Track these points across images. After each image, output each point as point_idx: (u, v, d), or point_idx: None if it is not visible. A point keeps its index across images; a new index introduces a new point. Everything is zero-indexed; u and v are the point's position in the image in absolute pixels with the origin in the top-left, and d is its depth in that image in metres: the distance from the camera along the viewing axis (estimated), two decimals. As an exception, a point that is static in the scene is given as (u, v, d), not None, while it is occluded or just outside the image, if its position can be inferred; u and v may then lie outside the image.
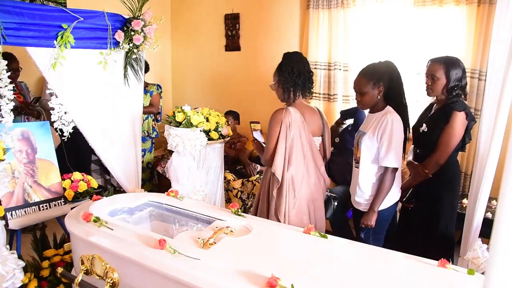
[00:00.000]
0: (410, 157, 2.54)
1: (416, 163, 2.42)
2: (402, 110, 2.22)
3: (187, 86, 5.35)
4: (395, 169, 2.15)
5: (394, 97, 2.21)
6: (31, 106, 3.34)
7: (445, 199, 2.37)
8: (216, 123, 2.80)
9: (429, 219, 2.38)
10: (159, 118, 4.32)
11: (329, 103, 4.14)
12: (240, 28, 4.71)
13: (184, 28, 5.20)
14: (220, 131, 2.81)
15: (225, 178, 3.55)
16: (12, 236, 2.36)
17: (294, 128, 2.17)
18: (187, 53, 5.26)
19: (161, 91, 4.07)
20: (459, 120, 2.23)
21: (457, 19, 3.32)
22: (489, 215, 2.68)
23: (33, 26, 2.05)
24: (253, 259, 1.48)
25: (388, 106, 2.20)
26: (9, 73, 1.97)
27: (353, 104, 4.05)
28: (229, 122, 3.75)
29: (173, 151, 2.52)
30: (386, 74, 2.19)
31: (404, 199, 2.47)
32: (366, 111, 2.37)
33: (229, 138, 2.96)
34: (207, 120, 2.74)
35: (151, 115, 4.08)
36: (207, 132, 2.65)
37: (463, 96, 2.33)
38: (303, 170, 2.23)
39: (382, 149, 2.13)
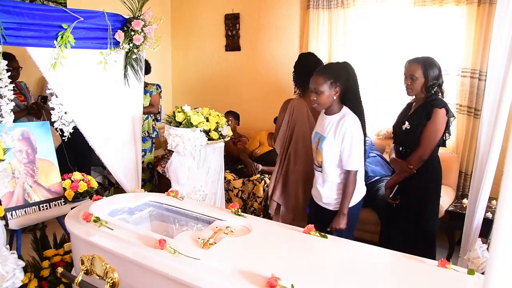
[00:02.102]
0: (392, 155, 2.60)
1: (400, 160, 2.49)
2: (358, 112, 2.23)
3: (187, 86, 5.35)
4: (357, 171, 2.18)
5: (351, 99, 2.22)
6: (39, 105, 3.36)
7: (429, 193, 2.46)
8: (216, 123, 2.80)
9: (413, 213, 2.46)
10: (159, 118, 4.31)
11: (329, 103, 4.14)
12: (240, 28, 4.71)
13: (184, 28, 5.20)
14: (220, 131, 2.81)
15: (225, 178, 3.55)
16: (12, 236, 2.36)
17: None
18: (187, 53, 5.26)
19: (160, 91, 4.07)
20: (440, 116, 2.34)
21: (457, 19, 3.32)
22: (489, 215, 2.69)
23: (33, 26, 2.04)
24: (253, 259, 1.48)
25: (344, 108, 2.21)
26: (9, 73, 1.97)
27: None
28: (229, 122, 3.74)
29: (173, 151, 2.52)
30: (344, 75, 2.17)
31: (390, 196, 2.53)
32: None
33: (229, 138, 2.96)
34: (207, 120, 2.74)
35: (151, 115, 4.08)
36: (207, 132, 2.65)
37: (440, 94, 2.43)
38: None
39: (344, 154, 2.15)
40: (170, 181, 2.59)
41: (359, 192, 2.30)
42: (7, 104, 1.98)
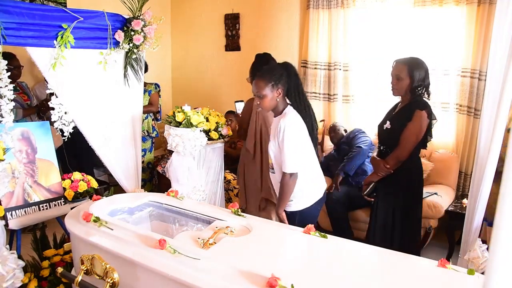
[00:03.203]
0: (374, 154, 2.62)
1: (378, 158, 2.50)
2: (302, 109, 2.24)
3: (187, 86, 5.35)
4: (294, 173, 2.12)
5: (293, 97, 2.25)
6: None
7: (404, 194, 2.44)
8: (216, 123, 2.80)
9: (389, 214, 2.47)
10: (159, 118, 4.32)
11: (329, 103, 4.14)
12: (240, 28, 4.71)
13: (184, 28, 5.20)
14: (220, 131, 2.81)
15: (225, 178, 3.55)
16: (12, 236, 2.36)
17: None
18: (187, 53, 5.26)
19: (159, 90, 4.08)
20: (421, 118, 2.32)
21: (457, 19, 3.32)
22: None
23: (33, 26, 2.04)
24: (253, 259, 1.48)
25: (287, 107, 2.19)
26: (9, 73, 1.97)
27: (353, 104, 4.06)
28: (230, 122, 3.74)
29: (173, 151, 2.52)
30: (283, 75, 2.17)
31: (365, 192, 2.55)
32: None
33: (229, 138, 2.96)
34: (207, 120, 2.74)
35: (151, 114, 4.08)
36: (207, 132, 2.65)
37: (427, 96, 2.42)
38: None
39: (282, 156, 2.12)
40: (170, 181, 2.60)
41: (312, 194, 2.26)
42: (7, 104, 1.98)
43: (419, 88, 2.38)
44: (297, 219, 2.22)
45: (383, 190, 2.50)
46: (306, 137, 2.22)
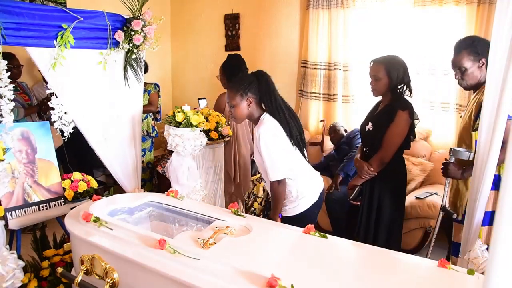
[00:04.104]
0: (357, 155, 2.58)
1: (362, 161, 2.46)
2: (277, 114, 2.15)
3: (187, 86, 5.35)
4: (282, 180, 2.11)
5: (268, 104, 2.16)
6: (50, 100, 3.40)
7: (390, 196, 2.42)
8: (216, 123, 2.80)
9: (373, 217, 2.45)
10: (159, 117, 4.32)
11: (329, 103, 4.14)
12: (240, 28, 4.72)
13: (184, 28, 5.20)
14: (220, 131, 2.81)
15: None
16: (12, 236, 2.36)
17: None
18: (187, 53, 5.26)
19: (159, 90, 4.08)
20: (403, 119, 2.30)
21: (457, 19, 3.32)
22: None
23: (33, 26, 2.04)
24: (253, 259, 1.48)
25: (263, 115, 2.16)
26: (9, 73, 1.96)
27: (353, 104, 4.06)
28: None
29: (173, 151, 2.52)
30: (253, 83, 2.14)
31: (351, 197, 2.51)
32: None
33: (229, 138, 2.96)
34: (207, 120, 2.74)
35: (150, 114, 4.08)
36: (207, 132, 2.65)
37: (408, 93, 2.39)
38: None
39: (264, 165, 2.11)
40: (170, 181, 2.59)
41: (306, 198, 2.23)
42: (7, 104, 1.98)
43: (399, 87, 2.36)
44: (294, 224, 2.16)
45: (368, 192, 2.47)
46: (285, 141, 2.15)
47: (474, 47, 2.11)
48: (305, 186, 2.24)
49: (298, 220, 2.16)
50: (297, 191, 2.20)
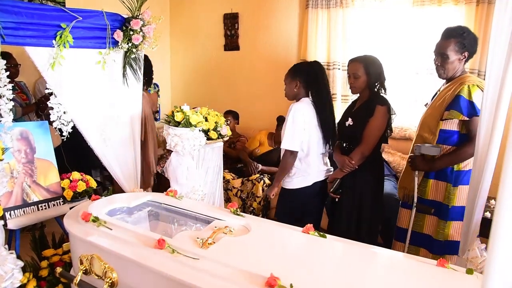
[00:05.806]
0: (336, 151, 2.66)
1: (342, 155, 2.56)
2: (318, 103, 2.54)
3: (186, 85, 5.35)
4: (294, 152, 2.48)
5: (313, 93, 2.56)
6: (48, 99, 3.39)
7: (370, 188, 2.53)
8: (215, 122, 2.79)
9: (355, 208, 2.53)
10: (158, 117, 4.32)
11: (328, 102, 4.14)
12: (239, 27, 4.71)
13: (183, 28, 5.20)
14: (219, 131, 2.81)
15: (224, 177, 3.55)
16: (11, 236, 2.36)
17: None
18: (186, 53, 5.26)
19: (158, 90, 4.08)
20: (382, 113, 2.43)
21: (456, 18, 3.32)
22: (488, 214, 2.69)
23: (32, 26, 2.04)
24: (252, 258, 1.48)
25: (303, 98, 2.55)
26: (7, 73, 1.96)
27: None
28: (229, 122, 3.74)
29: (172, 151, 2.51)
30: (303, 72, 2.56)
31: (331, 189, 2.58)
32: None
33: (228, 138, 2.96)
34: (206, 120, 2.74)
35: (150, 114, 4.08)
36: (206, 132, 2.65)
37: (383, 91, 2.52)
38: None
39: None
40: (169, 181, 2.59)
41: (300, 179, 2.51)
42: (6, 103, 1.98)
43: (376, 84, 2.48)
44: (286, 197, 2.60)
45: (348, 185, 2.55)
46: (311, 126, 2.48)
47: (463, 39, 2.19)
48: (305, 170, 2.54)
49: (289, 195, 2.60)
50: (296, 169, 2.54)
